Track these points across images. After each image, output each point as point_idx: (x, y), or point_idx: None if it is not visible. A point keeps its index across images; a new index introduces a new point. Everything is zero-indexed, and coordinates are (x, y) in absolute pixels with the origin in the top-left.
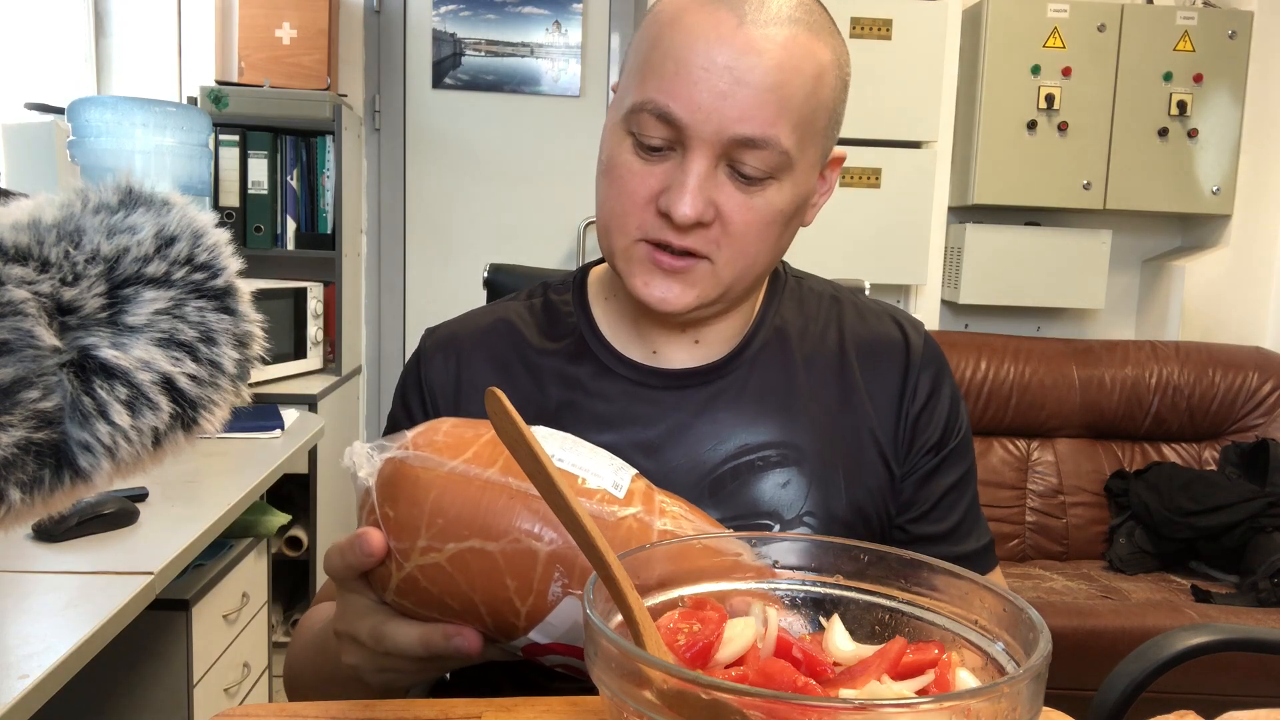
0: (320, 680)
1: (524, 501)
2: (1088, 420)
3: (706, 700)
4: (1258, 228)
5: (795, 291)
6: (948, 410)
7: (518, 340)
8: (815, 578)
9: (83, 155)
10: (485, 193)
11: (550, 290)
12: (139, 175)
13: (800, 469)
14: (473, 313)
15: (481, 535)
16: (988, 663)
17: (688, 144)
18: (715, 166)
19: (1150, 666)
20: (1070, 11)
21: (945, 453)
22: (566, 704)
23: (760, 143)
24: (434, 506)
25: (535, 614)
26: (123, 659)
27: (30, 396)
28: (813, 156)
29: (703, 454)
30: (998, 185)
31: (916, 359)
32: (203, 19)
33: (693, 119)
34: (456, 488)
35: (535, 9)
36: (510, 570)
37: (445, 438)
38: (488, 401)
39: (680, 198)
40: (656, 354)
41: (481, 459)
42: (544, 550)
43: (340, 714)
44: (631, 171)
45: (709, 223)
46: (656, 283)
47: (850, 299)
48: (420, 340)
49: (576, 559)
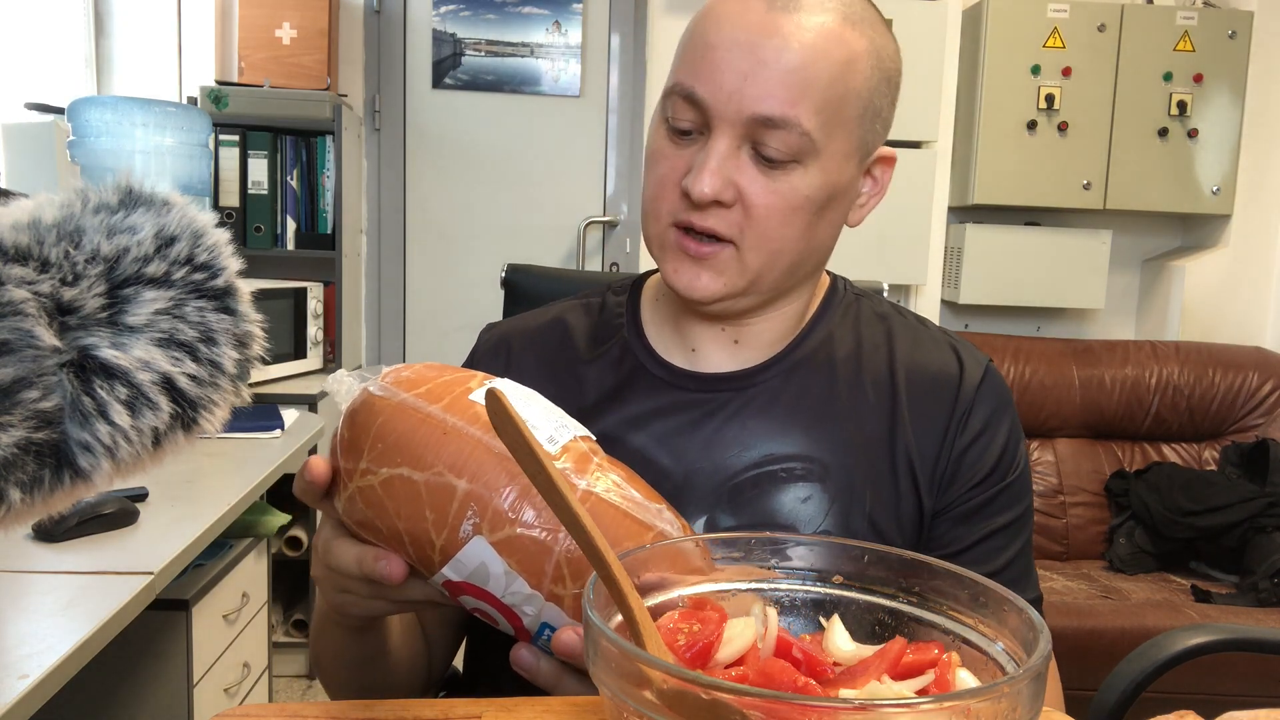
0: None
1: (455, 438)
2: (1088, 420)
3: (706, 700)
4: (1258, 228)
5: (852, 308)
6: (1001, 449)
7: (566, 342)
8: (815, 578)
9: (83, 155)
10: (485, 193)
11: (610, 291)
12: (139, 175)
13: (824, 486)
14: (534, 311)
15: (411, 464)
16: (988, 663)
17: (711, 125)
18: (738, 148)
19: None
20: (1070, 11)
21: (993, 493)
22: (566, 704)
23: (780, 122)
24: (378, 431)
25: (448, 549)
26: (123, 659)
27: (30, 396)
28: (844, 145)
29: (726, 459)
30: (998, 185)
31: (969, 393)
32: (203, 19)
33: (714, 99)
34: (400, 417)
35: (535, 9)
36: (430, 502)
37: (411, 374)
38: (488, 401)
39: (699, 176)
40: (695, 352)
41: (431, 395)
42: (462, 488)
43: (340, 714)
44: (664, 155)
45: (730, 203)
46: (685, 269)
47: (910, 324)
48: (479, 336)
49: (490, 501)
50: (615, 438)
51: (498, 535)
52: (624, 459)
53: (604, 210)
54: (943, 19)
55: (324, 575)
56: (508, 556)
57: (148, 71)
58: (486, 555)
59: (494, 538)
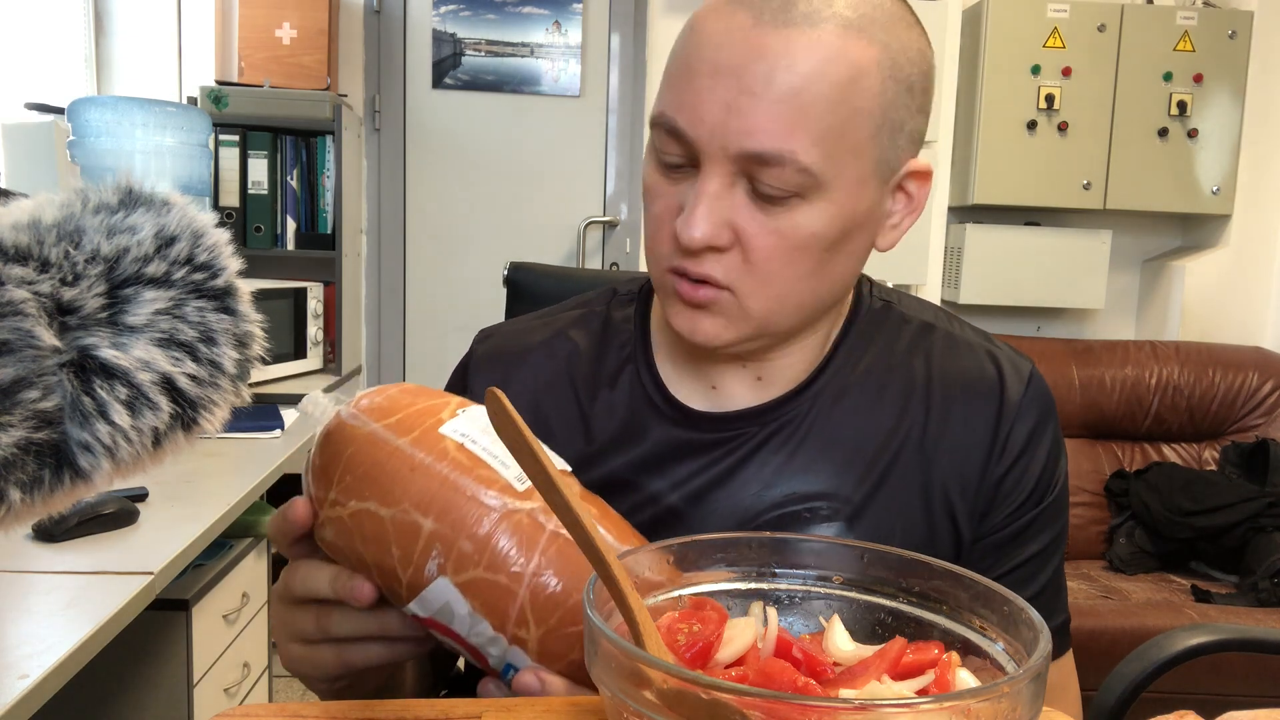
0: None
1: (422, 475)
2: (1088, 420)
3: (706, 700)
4: (1258, 228)
5: (879, 319)
6: (1042, 467)
7: (569, 366)
8: (815, 578)
9: (83, 155)
10: (485, 193)
11: (614, 305)
12: (139, 175)
13: (850, 525)
14: (529, 323)
15: (378, 499)
16: (988, 663)
17: (699, 161)
18: (732, 185)
19: (1150, 666)
20: (1070, 11)
21: (1032, 516)
22: (566, 704)
23: (773, 159)
24: (347, 463)
25: (414, 587)
26: (123, 659)
27: (30, 396)
28: (857, 170)
29: (745, 500)
30: (998, 185)
31: (1011, 407)
32: (203, 19)
33: (698, 133)
34: (368, 449)
35: (535, 9)
36: (396, 539)
37: (385, 400)
38: (488, 401)
39: (689, 220)
40: (716, 390)
41: (401, 426)
42: (428, 527)
43: (340, 714)
44: (658, 193)
45: (725, 247)
46: (686, 316)
47: (945, 328)
48: (472, 344)
49: (455, 542)
50: (626, 480)
51: (462, 577)
52: (636, 504)
53: (604, 210)
54: (943, 19)
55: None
56: (471, 598)
57: (148, 71)
58: (451, 596)
59: (458, 579)
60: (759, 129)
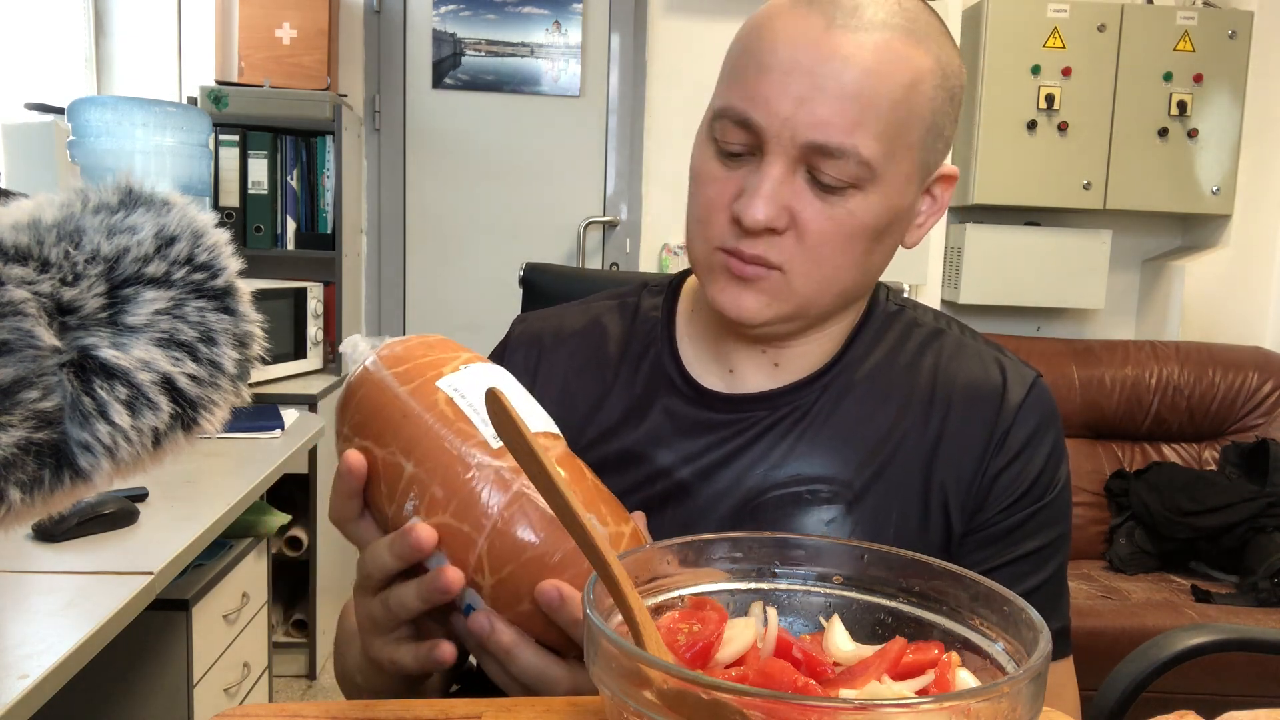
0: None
1: (411, 423)
2: (1088, 420)
3: (706, 700)
4: (1258, 228)
5: (893, 320)
6: (1040, 469)
7: (601, 348)
8: (815, 578)
9: (83, 155)
10: (485, 193)
11: (646, 292)
12: (139, 175)
13: (848, 509)
14: (568, 308)
15: (374, 440)
16: (988, 663)
17: (765, 148)
18: (793, 172)
19: (1150, 666)
20: (1070, 11)
21: (1024, 516)
22: (567, 704)
23: (837, 151)
24: (357, 403)
25: (395, 522)
26: (123, 659)
27: (30, 396)
28: (905, 169)
29: (751, 479)
30: (998, 185)
31: (1010, 410)
32: (203, 19)
33: (769, 124)
34: (375, 393)
35: (535, 9)
36: (385, 477)
37: (402, 350)
38: (488, 402)
39: (751, 202)
40: (733, 373)
41: (406, 376)
42: (409, 470)
43: (340, 714)
44: (713, 178)
45: (782, 230)
46: (731, 291)
47: (955, 335)
48: (510, 326)
49: (429, 487)
50: (638, 454)
51: (432, 520)
52: (647, 476)
53: (604, 210)
54: (943, 19)
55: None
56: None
57: (148, 71)
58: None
59: (429, 521)
60: (828, 123)
